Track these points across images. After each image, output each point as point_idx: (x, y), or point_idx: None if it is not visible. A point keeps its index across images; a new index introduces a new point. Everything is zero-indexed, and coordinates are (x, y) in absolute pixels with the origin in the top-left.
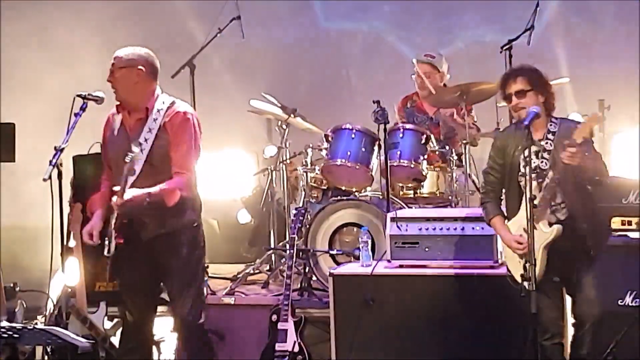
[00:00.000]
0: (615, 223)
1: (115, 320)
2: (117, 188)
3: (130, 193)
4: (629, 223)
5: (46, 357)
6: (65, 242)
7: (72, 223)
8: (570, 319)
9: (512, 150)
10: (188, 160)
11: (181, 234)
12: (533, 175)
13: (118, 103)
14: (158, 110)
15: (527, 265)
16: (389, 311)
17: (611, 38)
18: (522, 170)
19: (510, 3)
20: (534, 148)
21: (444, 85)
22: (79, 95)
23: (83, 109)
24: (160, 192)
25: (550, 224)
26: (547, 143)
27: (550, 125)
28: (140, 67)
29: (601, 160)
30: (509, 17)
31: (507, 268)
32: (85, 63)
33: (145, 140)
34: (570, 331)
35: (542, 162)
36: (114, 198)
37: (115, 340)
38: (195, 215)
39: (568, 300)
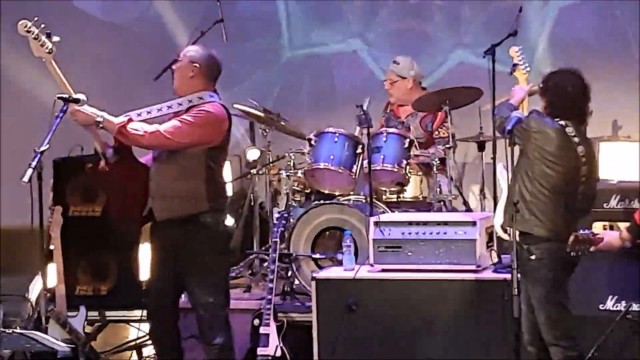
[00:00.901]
0: (597, 228)
1: (96, 324)
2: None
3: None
4: (611, 228)
5: None
6: (45, 246)
7: (52, 227)
8: None
9: None
10: (178, 129)
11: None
12: None
13: None
14: (190, 101)
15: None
16: (372, 315)
17: (593, 44)
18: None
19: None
20: None
21: (423, 88)
22: (59, 97)
23: (64, 111)
24: (113, 122)
25: None
26: None
27: None
28: (196, 64)
29: None
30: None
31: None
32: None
33: (159, 110)
34: None
35: None
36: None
37: (96, 344)
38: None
39: None
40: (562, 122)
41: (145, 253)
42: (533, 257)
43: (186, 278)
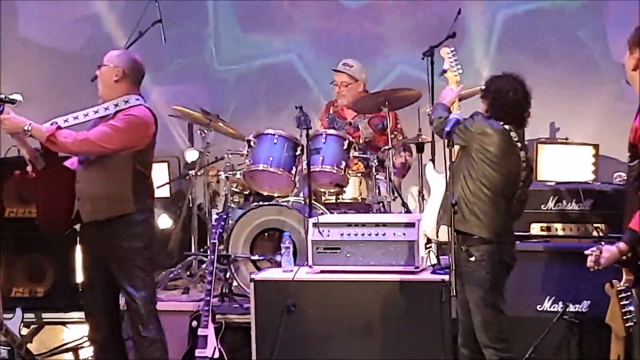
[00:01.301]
0: (535, 229)
1: (32, 326)
2: None
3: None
4: (548, 229)
5: None
6: None
7: None
8: None
9: None
10: (106, 135)
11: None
12: None
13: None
14: (116, 105)
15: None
16: (311, 317)
17: (536, 47)
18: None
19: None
20: None
21: (366, 91)
22: None
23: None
24: (41, 133)
25: None
26: None
27: None
28: (119, 68)
29: None
30: None
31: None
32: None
33: (85, 115)
34: None
35: None
36: None
37: (32, 347)
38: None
39: None
40: (507, 126)
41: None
42: (472, 258)
43: (116, 275)
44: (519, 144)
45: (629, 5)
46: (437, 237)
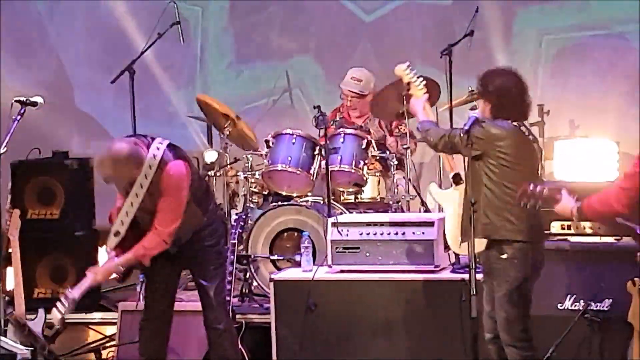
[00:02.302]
0: (555, 227)
1: (55, 327)
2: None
3: (102, 275)
4: (569, 227)
5: None
6: (3, 249)
7: (10, 229)
8: None
9: None
10: (169, 222)
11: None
12: None
13: None
14: (150, 166)
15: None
16: (330, 316)
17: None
18: None
19: None
20: None
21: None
22: (17, 101)
23: (21, 114)
24: (132, 259)
25: None
26: None
27: None
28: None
29: None
30: None
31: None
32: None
33: (136, 194)
34: None
35: None
36: (94, 277)
37: (55, 347)
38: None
39: None
40: (515, 123)
41: (102, 256)
42: (504, 256)
43: (191, 270)
44: (530, 137)
45: None
46: (460, 248)
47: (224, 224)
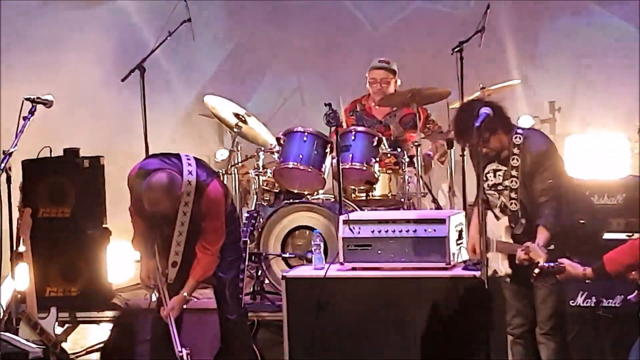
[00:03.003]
0: None
1: (66, 325)
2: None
3: (177, 309)
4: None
5: None
6: (15, 247)
7: (22, 228)
8: None
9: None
10: (216, 242)
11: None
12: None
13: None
14: (187, 194)
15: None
16: (342, 314)
17: (563, 40)
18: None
19: None
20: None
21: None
22: (27, 99)
23: (32, 112)
24: (197, 283)
25: None
26: (511, 177)
27: (514, 157)
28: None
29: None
30: None
31: None
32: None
33: (182, 224)
34: None
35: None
36: (173, 312)
37: (67, 346)
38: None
39: None
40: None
41: (113, 254)
42: (552, 247)
43: None
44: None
45: None
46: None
47: (238, 220)
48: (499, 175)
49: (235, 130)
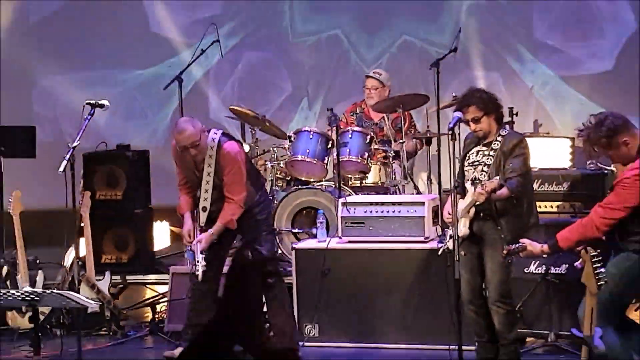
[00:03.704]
0: None
1: (118, 286)
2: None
3: (205, 242)
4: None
5: (62, 317)
6: (77, 224)
7: (83, 208)
8: None
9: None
10: (239, 192)
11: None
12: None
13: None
14: (211, 148)
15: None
16: (341, 277)
17: (520, 60)
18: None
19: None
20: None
21: (388, 95)
22: (88, 103)
23: (91, 114)
24: (222, 226)
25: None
26: (487, 155)
27: (495, 141)
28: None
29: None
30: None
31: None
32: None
33: (208, 174)
34: None
35: (482, 167)
36: (201, 244)
37: (119, 302)
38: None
39: None
40: None
41: (156, 229)
42: (500, 227)
43: (247, 239)
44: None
45: None
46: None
47: (272, 201)
48: (480, 154)
49: (259, 127)
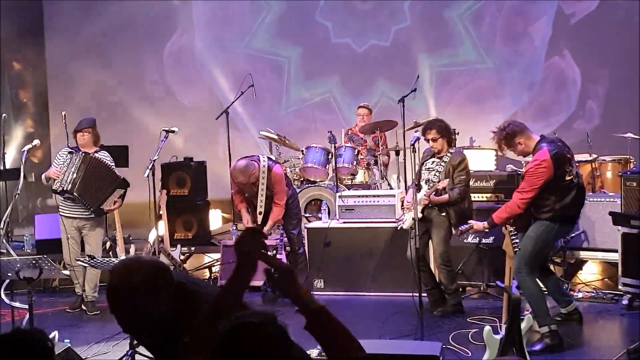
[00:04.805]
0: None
1: (186, 255)
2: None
3: (268, 228)
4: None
5: None
6: (157, 211)
7: (161, 201)
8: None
9: (422, 162)
10: (281, 198)
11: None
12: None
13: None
14: (263, 171)
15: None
16: (339, 248)
17: (460, 94)
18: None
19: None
20: (433, 160)
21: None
22: (164, 129)
23: (166, 137)
24: (274, 223)
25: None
26: (439, 165)
27: (446, 156)
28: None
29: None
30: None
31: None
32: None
33: (262, 189)
34: None
35: (435, 172)
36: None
37: (186, 266)
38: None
39: None
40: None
41: (211, 215)
42: (443, 214)
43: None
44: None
45: None
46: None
47: (297, 200)
48: (434, 163)
49: (280, 144)
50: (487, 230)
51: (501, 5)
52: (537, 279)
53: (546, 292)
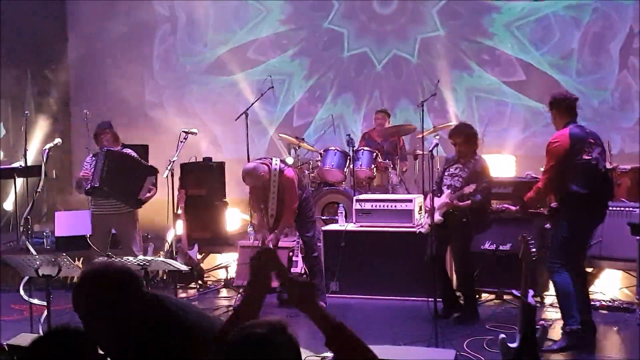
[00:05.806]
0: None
1: (203, 254)
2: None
3: (275, 240)
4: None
5: (164, 276)
6: (175, 210)
7: (180, 200)
8: None
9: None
10: (293, 203)
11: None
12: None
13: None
14: (274, 174)
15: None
16: (354, 250)
17: (476, 98)
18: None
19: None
20: (456, 165)
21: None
22: (183, 130)
23: (185, 138)
24: (284, 226)
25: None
26: (463, 170)
27: (469, 162)
28: (257, 174)
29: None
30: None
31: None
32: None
33: (274, 192)
34: None
35: (458, 178)
36: (272, 242)
37: (203, 266)
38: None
39: None
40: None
41: (229, 215)
42: (464, 220)
43: (297, 225)
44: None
45: None
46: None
47: (312, 203)
48: (458, 169)
49: (297, 146)
50: (519, 214)
51: None
52: (570, 276)
53: None
